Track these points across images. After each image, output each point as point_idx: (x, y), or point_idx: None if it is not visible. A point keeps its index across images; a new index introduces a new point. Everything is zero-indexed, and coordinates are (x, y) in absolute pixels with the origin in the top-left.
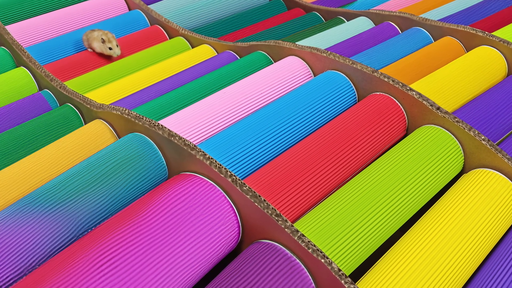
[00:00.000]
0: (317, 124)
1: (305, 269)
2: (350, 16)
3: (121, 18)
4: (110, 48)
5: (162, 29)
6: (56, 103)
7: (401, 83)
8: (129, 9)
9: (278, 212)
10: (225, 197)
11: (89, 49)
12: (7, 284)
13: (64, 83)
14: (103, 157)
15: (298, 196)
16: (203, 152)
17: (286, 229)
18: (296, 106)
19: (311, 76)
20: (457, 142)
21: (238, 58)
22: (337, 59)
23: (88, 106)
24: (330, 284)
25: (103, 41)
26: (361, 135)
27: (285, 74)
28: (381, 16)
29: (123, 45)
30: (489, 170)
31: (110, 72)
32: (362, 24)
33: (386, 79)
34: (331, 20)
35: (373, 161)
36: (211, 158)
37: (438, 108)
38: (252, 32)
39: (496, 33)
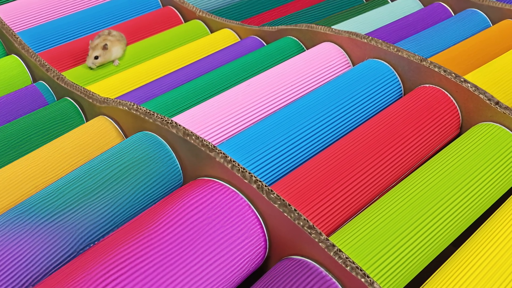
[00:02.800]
0: (356, 121)
1: None
2: None
3: None
4: (95, 57)
5: (176, 11)
6: (53, 96)
7: (454, 73)
8: None
9: (311, 223)
10: (250, 206)
11: None
12: None
13: (62, 73)
14: (108, 160)
15: (334, 205)
16: (223, 153)
17: (320, 244)
18: (332, 101)
19: (350, 66)
20: None
21: (265, 44)
22: (379, 45)
23: (90, 100)
24: None
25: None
26: (407, 134)
27: (319, 63)
28: None
29: (131, 29)
30: None
31: None
32: (409, 5)
33: (436, 69)
34: (373, 0)
35: (422, 164)
36: (233, 161)
37: (497, 103)
38: (281, 14)
39: None
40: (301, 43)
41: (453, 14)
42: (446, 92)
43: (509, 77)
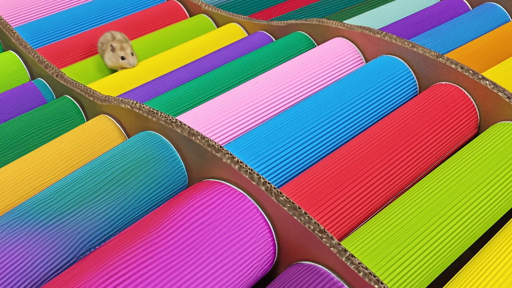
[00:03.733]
0: (370, 120)
1: None
2: None
3: None
4: (122, 58)
5: (181, 4)
6: (52, 94)
7: (472, 70)
8: None
9: (322, 227)
10: (258, 210)
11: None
12: None
13: (61, 70)
14: (109, 161)
15: (346, 208)
16: (230, 154)
17: (332, 248)
18: (344, 99)
19: (362, 62)
20: None
21: (274, 40)
22: (394, 41)
23: (91, 98)
24: None
25: (113, 49)
26: (423, 134)
27: (331, 60)
28: None
29: (134, 24)
30: None
31: None
32: None
33: (453, 66)
34: None
35: (438, 165)
36: (241, 162)
37: None
38: (291, 8)
39: None
40: (311, 39)
41: (470, 8)
42: (463, 90)
43: None
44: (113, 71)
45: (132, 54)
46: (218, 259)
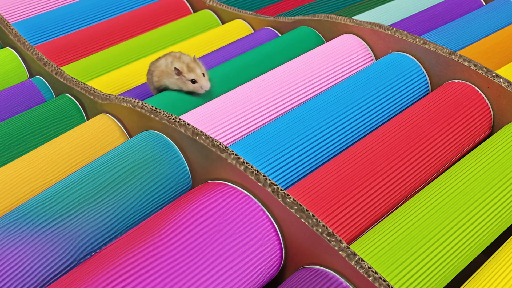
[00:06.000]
0: (380, 120)
1: None
2: None
3: None
4: (193, 81)
5: (185, 0)
6: (51, 93)
7: (485, 68)
8: None
9: (330, 230)
10: (264, 212)
11: (154, 91)
12: None
13: (61, 68)
14: (110, 161)
15: (355, 210)
16: (236, 155)
17: (340, 252)
18: (353, 98)
19: (372, 60)
20: None
21: (280, 36)
22: (404, 38)
23: (92, 97)
24: None
25: (179, 72)
26: (435, 134)
27: (339, 57)
28: None
29: (136, 20)
30: None
31: (119, 55)
32: None
33: (466, 63)
34: None
35: (450, 166)
36: (247, 163)
37: None
38: (298, 4)
39: None
40: (319, 35)
41: (484, 4)
42: (476, 88)
43: None
44: None
45: (203, 74)
46: (222, 263)
